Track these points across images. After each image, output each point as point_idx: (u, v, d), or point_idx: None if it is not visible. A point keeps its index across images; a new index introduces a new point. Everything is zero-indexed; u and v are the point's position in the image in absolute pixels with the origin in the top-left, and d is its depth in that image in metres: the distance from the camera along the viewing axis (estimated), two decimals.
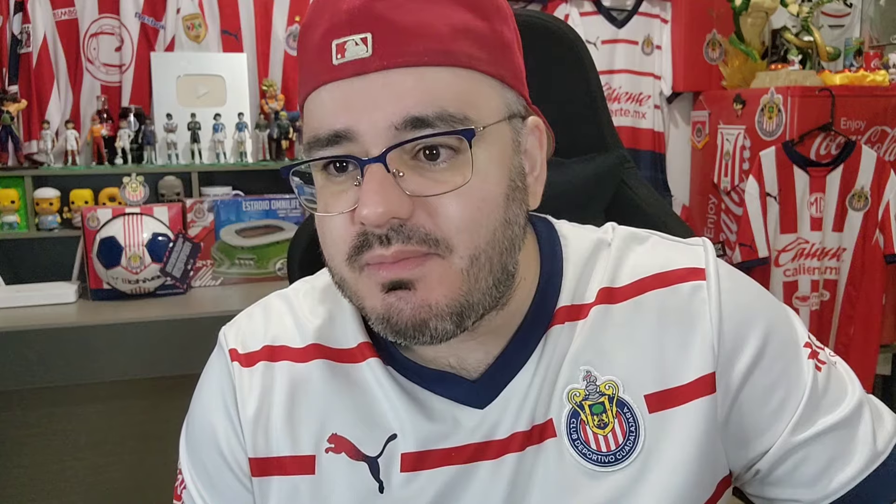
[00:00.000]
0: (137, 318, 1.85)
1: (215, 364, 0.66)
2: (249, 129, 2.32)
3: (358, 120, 0.50)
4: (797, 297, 2.45)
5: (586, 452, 0.58)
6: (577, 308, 0.61)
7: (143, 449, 1.89)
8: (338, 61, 0.50)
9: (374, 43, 0.50)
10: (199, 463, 0.64)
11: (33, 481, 1.84)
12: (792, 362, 0.60)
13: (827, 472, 0.59)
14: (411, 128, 0.50)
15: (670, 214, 0.92)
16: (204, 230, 2.16)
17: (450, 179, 0.51)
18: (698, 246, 0.63)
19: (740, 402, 0.59)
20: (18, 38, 2.20)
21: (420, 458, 0.59)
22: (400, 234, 0.50)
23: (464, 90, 0.51)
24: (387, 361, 0.61)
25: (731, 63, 2.70)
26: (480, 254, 0.52)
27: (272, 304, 0.68)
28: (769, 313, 0.62)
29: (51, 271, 2.17)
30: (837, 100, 2.32)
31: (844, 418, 0.60)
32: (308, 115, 0.54)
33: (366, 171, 0.50)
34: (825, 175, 2.38)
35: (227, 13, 2.39)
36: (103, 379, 1.83)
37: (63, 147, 2.21)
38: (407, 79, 0.50)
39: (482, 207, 0.52)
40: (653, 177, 2.80)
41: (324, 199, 0.54)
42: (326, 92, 0.52)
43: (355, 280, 0.54)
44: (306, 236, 0.89)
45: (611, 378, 0.59)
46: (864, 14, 2.94)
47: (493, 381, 0.59)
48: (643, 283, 0.61)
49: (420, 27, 0.50)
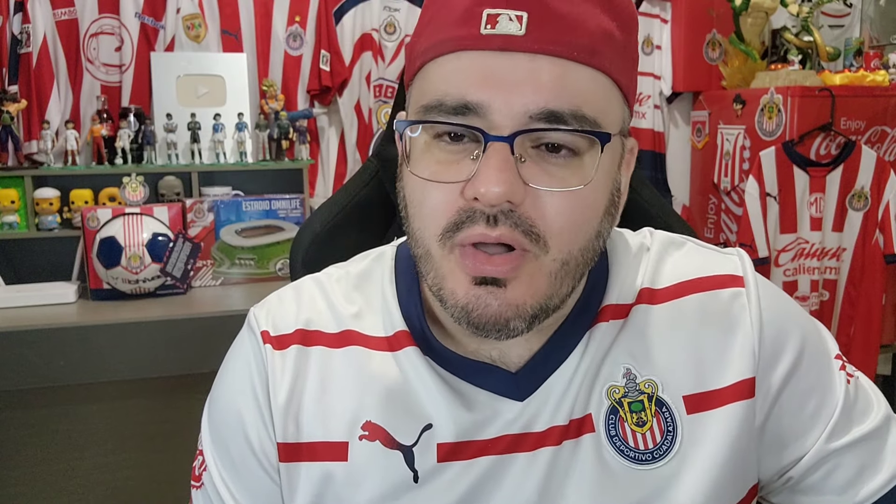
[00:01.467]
0: (137, 318, 1.85)
1: (246, 344, 0.64)
2: (249, 129, 2.31)
3: (493, 97, 0.49)
4: (797, 296, 2.45)
5: (623, 449, 0.58)
6: (620, 307, 0.61)
7: (143, 448, 1.89)
8: (486, 31, 0.49)
9: (529, 23, 0.49)
10: (222, 447, 0.63)
11: (33, 481, 1.84)
12: (825, 371, 0.62)
13: (857, 480, 0.60)
14: (545, 120, 0.49)
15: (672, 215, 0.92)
16: (204, 230, 2.16)
17: (567, 178, 0.51)
18: (733, 255, 0.64)
19: (779, 406, 0.60)
20: (18, 38, 2.20)
21: (456, 448, 0.58)
22: (509, 219, 0.50)
23: (600, 95, 0.52)
24: (425, 351, 0.60)
25: (731, 63, 2.70)
26: (571, 260, 0.52)
27: (305, 287, 0.66)
28: (804, 323, 0.63)
29: (51, 271, 2.17)
30: (837, 100, 2.33)
31: (875, 428, 0.61)
32: (432, 76, 0.52)
33: (489, 148, 0.49)
34: (825, 175, 2.38)
35: (227, 13, 2.39)
36: (103, 379, 1.83)
37: (63, 147, 2.21)
38: (552, 68, 0.49)
39: (586, 214, 0.52)
40: (653, 177, 2.80)
41: (427, 165, 0.52)
42: (466, 59, 0.50)
43: (442, 258, 0.53)
44: (308, 236, 0.88)
45: (650, 377, 0.59)
46: (864, 14, 2.94)
47: (534, 374, 0.59)
48: (683, 286, 0.62)
49: (574, 21, 0.50)
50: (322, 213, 0.89)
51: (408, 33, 2.64)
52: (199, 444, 0.65)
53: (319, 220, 0.89)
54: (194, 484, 0.65)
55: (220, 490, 0.62)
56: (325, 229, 0.88)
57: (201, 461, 0.64)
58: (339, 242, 0.85)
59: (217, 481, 0.62)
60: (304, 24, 2.46)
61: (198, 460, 0.65)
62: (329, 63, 2.48)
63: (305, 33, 2.47)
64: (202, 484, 0.64)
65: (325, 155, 2.58)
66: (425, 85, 0.53)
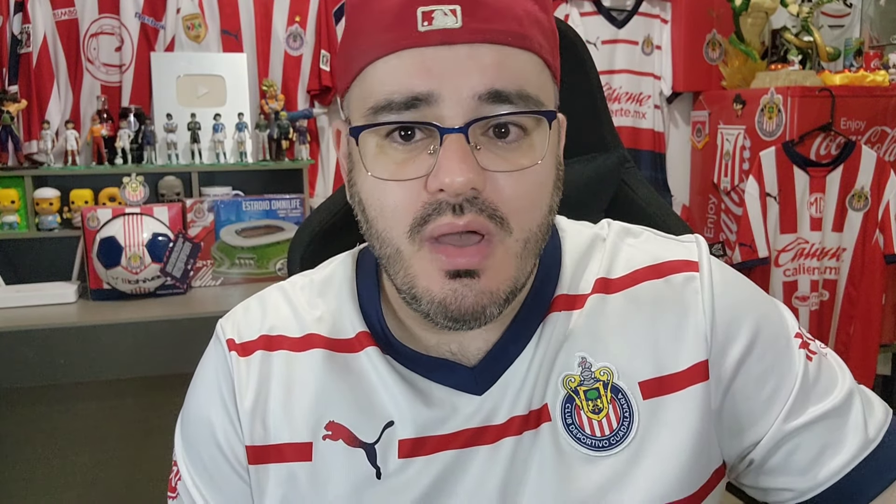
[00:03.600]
0: (137, 318, 1.85)
1: (212, 355, 0.66)
2: (249, 129, 2.32)
3: (440, 85, 0.50)
4: (797, 296, 2.45)
5: (580, 437, 0.59)
6: (573, 298, 0.62)
7: (142, 447, 1.89)
8: (424, 28, 0.51)
9: (463, 15, 0.51)
10: (195, 456, 0.64)
11: (34, 479, 1.85)
12: (783, 352, 0.62)
13: (819, 459, 0.60)
14: (492, 101, 0.51)
15: (671, 214, 0.92)
16: (204, 230, 2.17)
17: (519, 159, 0.52)
18: (691, 242, 0.65)
19: (733, 391, 0.60)
20: (18, 38, 2.20)
21: (417, 444, 0.59)
22: (474, 206, 0.51)
23: (537, 75, 0.54)
24: (385, 350, 0.62)
25: (731, 63, 2.70)
26: (531, 237, 0.54)
27: (269, 295, 0.68)
28: (760, 305, 0.63)
29: (51, 271, 2.17)
30: (837, 100, 2.33)
31: (835, 407, 0.60)
32: (373, 80, 0.53)
33: (445, 140, 0.50)
34: (825, 175, 2.38)
35: (227, 13, 2.39)
36: (103, 378, 1.83)
37: (63, 147, 2.21)
38: (492, 54, 0.51)
39: (540, 191, 0.54)
40: (653, 177, 2.80)
41: (384, 166, 0.53)
42: (406, 57, 0.51)
43: (412, 256, 0.53)
44: (307, 236, 0.88)
45: (605, 364, 0.60)
46: (864, 14, 2.94)
47: (491, 367, 0.60)
48: (637, 274, 0.63)
49: (503, 8, 0.52)
50: (322, 213, 0.90)
51: None
52: (174, 457, 0.67)
53: (319, 220, 0.89)
54: (170, 495, 0.67)
55: (194, 496, 0.64)
56: (325, 229, 0.88)
57: (175, 471, 0.66)
58: (338, 242, 0.85)
59: (191, 488, 0.64)
60: (304, 24, 2.46)
61: (173, 471, 0.67)
62: (329, 63, 2.48)
63: (305, 33, 2.47)
64: (177, 494, 0.66)
65: (325, 155, 2.58)
66: (368, 88, 0.54)
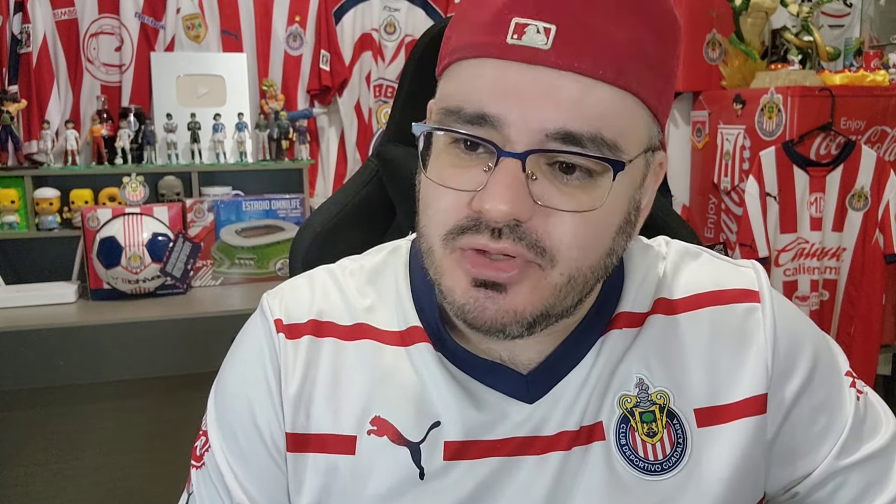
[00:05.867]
0: (137, 318, 1.85)
1: (259, 331, 0.63)
2: (249, 129, 2.32)
3: (510, 111, 0.48)
4: (797, 296, 2.45)
5: (633, 459, 0.58)
6: (635, 316, 0.61)
7: (143, 448, 1.89)
8: (512, 41, 0.48)
9: (556, 38, 0.48)
10: (229, 432, 0.62)
11: (33, 480, 1.84)
12: (836, 388, 0.62)
13: (863, 498, 0.61)
14: (560, 140, 0.48)
15: (672, 214, 0.92)
16: (204, 230, 2.16)
17: (579, 199, 0.50)
18: (748, 268, 0.64)
19: (790, 422, 0.60)
20: (18, 38, 2.21)
21: (464, 447, 0.58)
22: (514, 233, 0.49)
23: (622, 116, 0.50)
24: (437, 348, 0.60)
25: (730, 63, 2.70)
26: (579, 276, 0.52)
27: (318, 277, 0.65)
28: (817, 340, 0.63)
29: (51, 271, 2.17)
30: (837, 100, 2.32)
31: (883, 447, 0.61)
32: (456, 78, 0.52)
33: (501, 163, 0.48)
34: (825, 175, 2.38)
35: (227, 13, 2.39)
36: (103, 379, 1.83)
37: (63, 147, 2.21)
38: (574, 86, 0.48)
39: (597, 234, 0.51)
40: None
41: (441, 168, 0.52)
42: (489, 67, 0.49)
43: (443, 256, 0.53)
44: (309, 236, 0.88)
45: (663, 388, 0.59)
46: (864, 14, 2.94)
47: (544, 377, 0.59)
48: (699, 298, 0.62)
49: (603, 36, 0.48)
50: (322, 213, 0.89)
51: (408, 33, 2.65)
52: (203, 426, 0.64)
53: (319, 220, 0.89)
54: (194, 464, 0.64)
55: (225, 474, 0.61)
56: (325, 229, 0.88)
57: (204, 441, 0.63)
58: (339, 242, 0.85)
59: (222, 465, 0.61)
60: (304, 24, 2.46)
61: (200, 440, 0.64)
62: (329, 63, 2.48)
63: (305, 33, 2.47)
64: (203, 464, 0.63)
65: (325, 155, 2.58)
66: (449, 86, 0.53)
